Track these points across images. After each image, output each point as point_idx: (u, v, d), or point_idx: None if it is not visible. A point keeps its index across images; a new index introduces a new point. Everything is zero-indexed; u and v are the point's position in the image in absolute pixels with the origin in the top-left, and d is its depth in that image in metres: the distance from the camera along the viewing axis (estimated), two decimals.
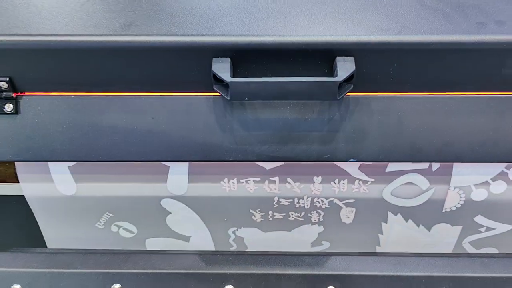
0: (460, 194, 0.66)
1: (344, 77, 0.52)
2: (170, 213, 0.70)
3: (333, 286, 0.52)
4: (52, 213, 0.70)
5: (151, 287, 0.53)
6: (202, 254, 0.59)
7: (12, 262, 0.56)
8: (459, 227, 0.70)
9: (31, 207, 0.69)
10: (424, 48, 0.55)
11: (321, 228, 0.71)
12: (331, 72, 0.55)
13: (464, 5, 0.59)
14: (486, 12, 0.58)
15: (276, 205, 0.68)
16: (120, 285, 0.53)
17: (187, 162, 0.64)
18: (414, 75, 0.57)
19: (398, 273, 0.56)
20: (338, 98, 0.54)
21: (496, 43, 0.54)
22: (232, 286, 0.53)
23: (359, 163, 0.64)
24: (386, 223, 0.70)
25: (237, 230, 0.72)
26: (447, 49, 0.55)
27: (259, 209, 0.69)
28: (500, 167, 0.63)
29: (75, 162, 0.64)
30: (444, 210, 0.68)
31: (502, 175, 0.64)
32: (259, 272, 0.53)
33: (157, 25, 0.57)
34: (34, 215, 0.70)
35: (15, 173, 0.67)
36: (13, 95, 0.59)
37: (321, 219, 0.70)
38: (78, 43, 0.56)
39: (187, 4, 0.61)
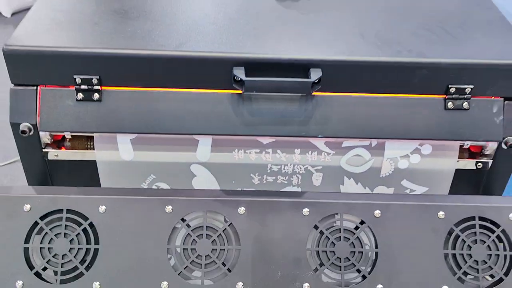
0: (391, 164, 0.99)
1: (314, 79, 0.86)
2: (195, 176, 1.01)
3: (307, 208, 0.84)
4: (113, 175, 0.99)
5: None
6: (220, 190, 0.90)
7: (95, 191, 0.86)
8: (392, 189, 1.02)
9: (98, 170, 0.99)
10: (364, 64, 0.89)
11: (299, 189, 1.03)
12: (308, 77, 0.88)
13: (390, 41, 0.94)
14: (403, 44, 0.93)
15: (269, 171, 1.00)
16: (171, 207, 0.84)
17: (211, 137, 0.96)
18: (358, 81, 0.91)
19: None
20: (311, 93, 0.88)
21: (406, 63, 0.89)
22: (244, 207, 0.84)
23: (324, 140, 0.97)
24: (343, 185, 1.02)
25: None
26: (378, 66, 0.89)
27: (257, 173, 1.00)
28: (415, 144, 0.97)
29: (136, 135, 0.95)
30: (381, 176, 1.01)
31: (417, 150, 0.98)
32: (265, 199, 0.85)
33: (202, 44, 0.90)
34: (99, 178, 1.00)
35: (89, 145, 0.98)
36: (100, 88, 0.91)
37: (299, 182, 1.02)
38: (147, 55, 0.88)
39: (218, 27, 0.94)
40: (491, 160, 0.98)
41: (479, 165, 0.99)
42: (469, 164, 0.99)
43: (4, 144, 2.39)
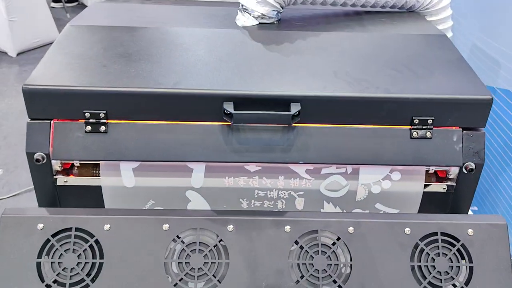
0: (365, 189, 1.10)
1: (294, 112, 0.99)
2: (190, 201, 1.11)
3: (289, 225, 0.95)
4: (117, 200, 1.10)
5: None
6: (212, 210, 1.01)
7: (101, 212, 0.97)
8: (367, 212, 1.13)
9: (103, 195, 1.10)
10: (337, 99, 1.02)
11: None
12: (288, 110, 1.01)
13: (359, 79, 1.07)
14: (370, 82, 1.06)
15: (256, 196, 1.11)
16: (168, 225, 0.94)
17: (204, 164, 1.07)
18: (333, 114, 1.04)
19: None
20: (292, 124, 1.01)
21: (373, 98, 1.02)
22: (232, 225, 0.94)
23: (305, 167, 1.08)
24: (323, 209, 1.13)
25: None
26: (348, 100, 1.02)
27: (246, 198, 1.11)
28: (386, 170, 1.09)
29: (138, 164, 1.07)
30: (357, 200, 1.12)
31: (387, 176, 1.09)
32: (251, 218, 0.95)
33: (195, 82, 1.03)
34: (103, 200, 1.11)
35: (95, 172, 1.09)
36: (106, 121, 1.03)
37: (284, 207, 1.13)
38: (148, 92, 1.01)
39: (210, 68, 1.08)
40: (455, 184, 1.10)
41: (444, 188, 1.11)
42: (436, 187, 1.11)
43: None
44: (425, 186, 1.10)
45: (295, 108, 1.00)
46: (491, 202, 2.34)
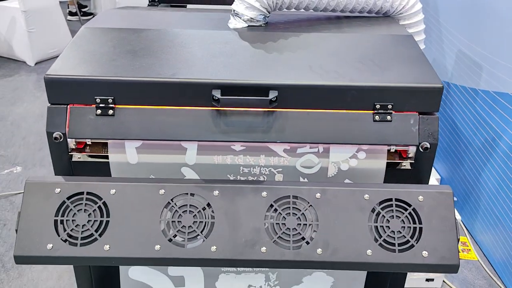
0: (335, 166, 1.28)
1: (272, 97, 1.17)
2: (185, 176, 1.29)
3: (265, 192, 1.12)
4: (122, 174, 1.29)
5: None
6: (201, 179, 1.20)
7: (108, 179, 1.15)
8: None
9: (111, 170, 1.28)
10: (308, 87, 1.20)
11: None
12: (267, 96, 1.19)
13: (330, 71, 1.25)
14: (340, 73, 1.24)
15: (241, 172, 1.29)
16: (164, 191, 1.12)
17: (196, 144, 1.25)
18: (306, 100, 1.22)
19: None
20: (270, 108, 1.19)
21: (340, 85, 1.20)
22: (218, 191, 1.13)
23: (283, 147, 1.26)
24: None
25: None
26: (319, 88, 1.20)
27: (232, 174, 1.29)
28: (353, 149, 1.26)
29: (140, 143, 1.25)
30: (328, 176, 1.29)
31: (354, 155, 1.26)
32: (234, 185, 1.13)
33: (189, 73, 1.22)
34: (111, 175, 1.30)
35: (104, 150, 1.28)
36: (114, 106, 1.22)
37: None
38: (149, 81, 1.20)
39: (203, 61, 1.27)
40: (413, 161, 1.27)
41: (404, 165, 1.27)
42: (396, 164, 1.28)
43: None
44: (389, 164, 1.27)
45: (273, 94, 1.18)
46: (475, 196, 2.49)
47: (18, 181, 2.78)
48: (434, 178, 2.67)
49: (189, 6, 2.18)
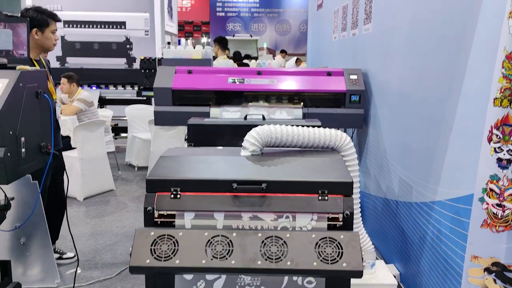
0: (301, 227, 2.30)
1: (263, 186, 2.26)
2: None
3: (260, 233, 2.13)
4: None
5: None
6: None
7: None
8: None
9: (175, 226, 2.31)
10: (284, 181, 2.30)
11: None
12: (261, 185, 2.27)
13: (295, 174, 2.36)
14: (301, 175, 2.35)
15: (247, 228, 2.31)
16: None
17: (223, 213, 2.30)
18: (283, 188, 2.31)
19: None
20: (263, 193, 2.28)
21: (300, 181, 2.30)
22: (235, 233, 2.14)
23: (271, 216, 2.30)
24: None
25: None
26: (289, 182, 2.30)
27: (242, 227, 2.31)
28: (309, 216, 2.30)
29: (193, 214, 2.30)
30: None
31: (312, 219, 2.30)
32: (244, 231, 2.16)
33: (217, 175, 2.33)
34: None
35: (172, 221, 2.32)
36: (180, 193, 2.31)
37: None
38: (195, 179, 2.31)
39: (223, 169, 2.38)
40: (341, 222, 2.30)
41: (337, 224, 2.30)
42: (334, 223, 2.31)
43: None
44: (329, 224, 2.30)
45: (264, 185, 2.27)
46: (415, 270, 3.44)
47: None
48: (392, 274, 3.60)
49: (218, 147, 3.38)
